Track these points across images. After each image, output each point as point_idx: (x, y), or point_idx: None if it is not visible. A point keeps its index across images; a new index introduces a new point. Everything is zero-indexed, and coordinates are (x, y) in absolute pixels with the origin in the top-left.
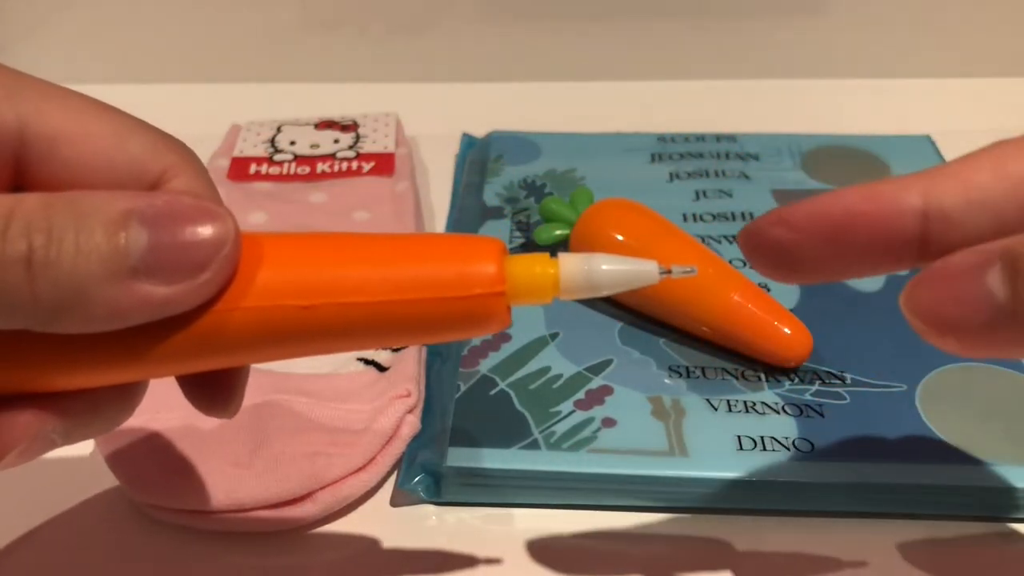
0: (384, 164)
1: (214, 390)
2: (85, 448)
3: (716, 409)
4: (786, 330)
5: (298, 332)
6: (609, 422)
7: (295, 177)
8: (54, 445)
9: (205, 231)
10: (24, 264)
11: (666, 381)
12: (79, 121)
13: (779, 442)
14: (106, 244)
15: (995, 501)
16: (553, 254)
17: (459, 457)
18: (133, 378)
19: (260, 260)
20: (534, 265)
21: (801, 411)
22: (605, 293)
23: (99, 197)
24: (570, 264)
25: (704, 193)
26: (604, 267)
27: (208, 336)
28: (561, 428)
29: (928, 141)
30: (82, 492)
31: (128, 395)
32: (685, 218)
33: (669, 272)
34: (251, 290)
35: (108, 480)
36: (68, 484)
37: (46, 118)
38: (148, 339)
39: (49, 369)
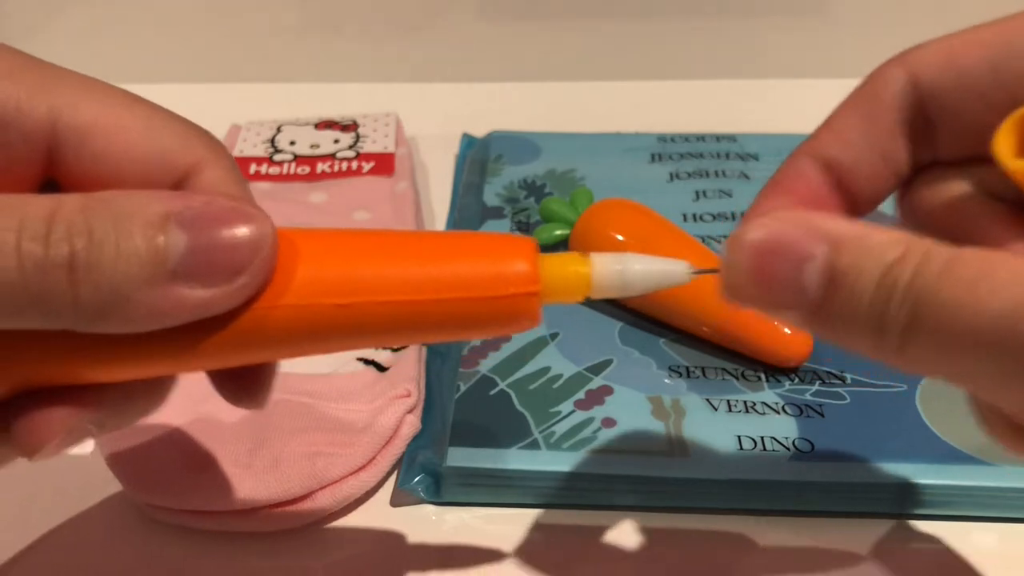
0: (384, 164)
1: (246, 383)
2: (86, 449)
3: (716, 409)
4: (786, 330)
5: (334, 330)
6: (609, 422)
7: (295, 177)
8: (88, 435)
9: (243, 234)
10: (66, 268)
11: (666, 381)
12: (111, 114)
13: (779, 442)
14: (145, 248)
15: (995, 501)
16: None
17: (459, 457)
18: (169, 372)
19: (296, 257)
20: (567, 264)
21: (801, 411)
22: (636, 293)
23: (137, 199)
24: (603, 264)
25: (704, 193)
26: (637, 267)
27: (246, 334)
28: (561, 428)
29: None
30: (82, 492)
31: (160, 387)
32: (685, 218)
33: (697, 272)
34: (289, 288)
35: (108, 480)
36: (69, 484)
37: (78, 111)
38: (186, 336)
39: (87, 365)
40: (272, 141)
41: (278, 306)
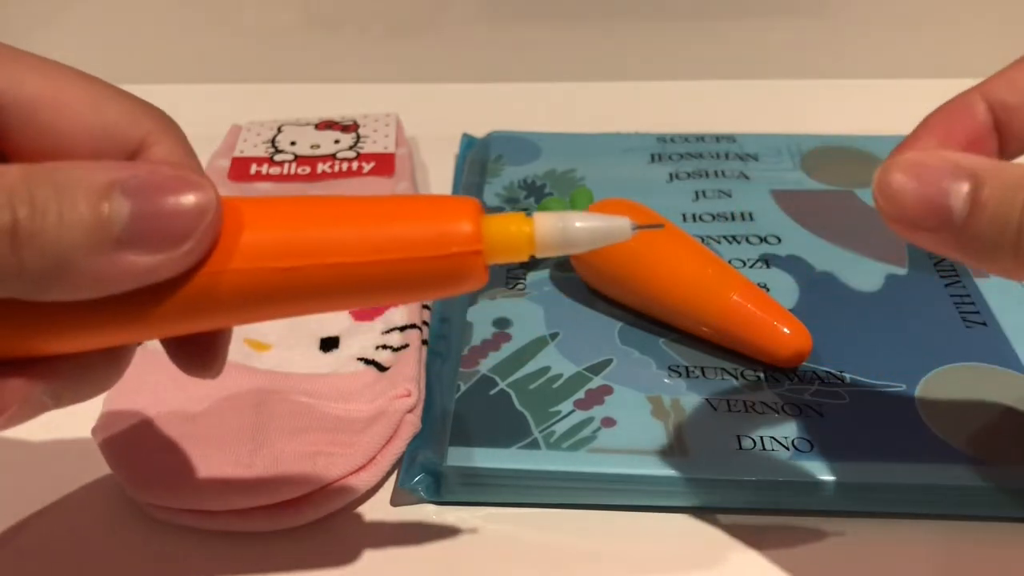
0: (384, 164)
1: (198, 351)
2: (85, 447)
3: (716, 409)
4: (785, 330)
5: (280, 294)
6: (609, 422)
7: (295, 177)
8: (45, 408)
9: (187, 201)
10: (9, 235)
11: (666, 381)
12: (55, 87)
13: (778, 442)
14: (90, 215)
15: (995, 501)
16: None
17: (459, 457)
18: (121, 342)
19: (242, 224)
20: (509, 224)
21: (800, 411)
22: (580, 250)
23: (81, 168)
24: (545, 222)
25: (703, 193)
26: (578, 224)
27: (194, 300)
28: (561, 428)
29: None
30: (82, 491)
31: (116, 358)
32: (685, 218)
33: (639, 228)
34: (234, 254)
35: (109, 479)
36: (68, 483)
37: (22, 84)
38: (134, 304)
39: (38, 335)
40: (272, 141)
41: (224, 271)
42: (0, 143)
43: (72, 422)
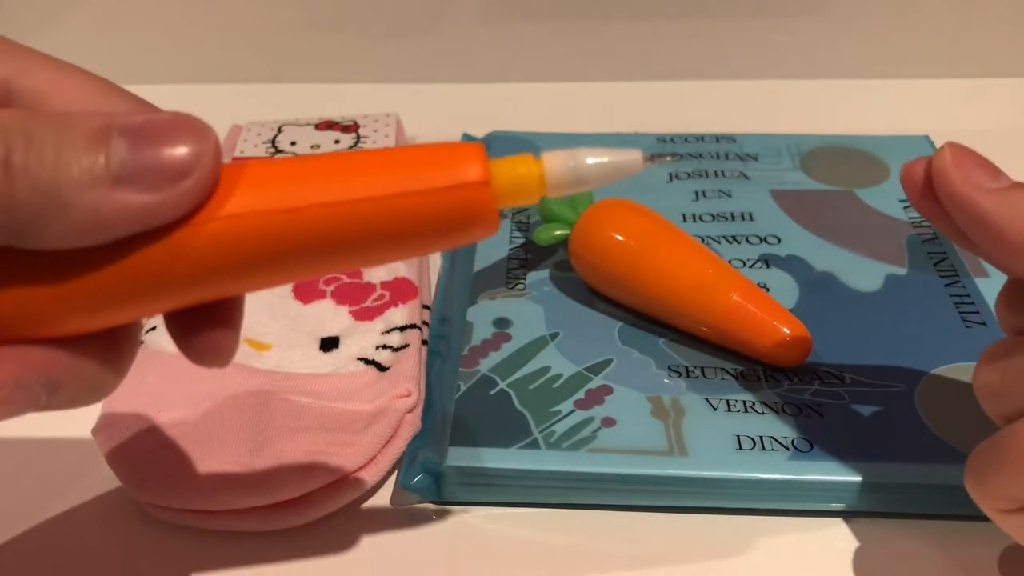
0: None
1: (206, 333)
2: (86, 447)
3: (715, 409)
4: (785, 330)
5: (285, 241)
6: (609, 422)
7: None
8: (38, 401)
9: (186, 139)
10: (2, 167)
11: (666, 381)
12: (63, 81)
13: (778, 442)
14: (87, 151)
15: None
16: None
17: (459, 457)
18: (120, 317)
19: (243, 176)
20: (518, 165)
21: (800, 411)
22: (591, 187)
23: (79, 112)
24: (554, 160)
25: (703, 193)
26: (589, 160)
27: (194, 252)
28: (561, 428)
29: (927, 141)
30: (83, 491)
31: (115, 354)
32: (685, 218)
33: (651, 159)
34: (235, 199)
35: (109, 479)
36: (69, 483)
37: (31, 75)
38: (132, 265)
39: (31, 307)
40: (273, 141)
41: (223, 217)
42: None
43: (72, 422)
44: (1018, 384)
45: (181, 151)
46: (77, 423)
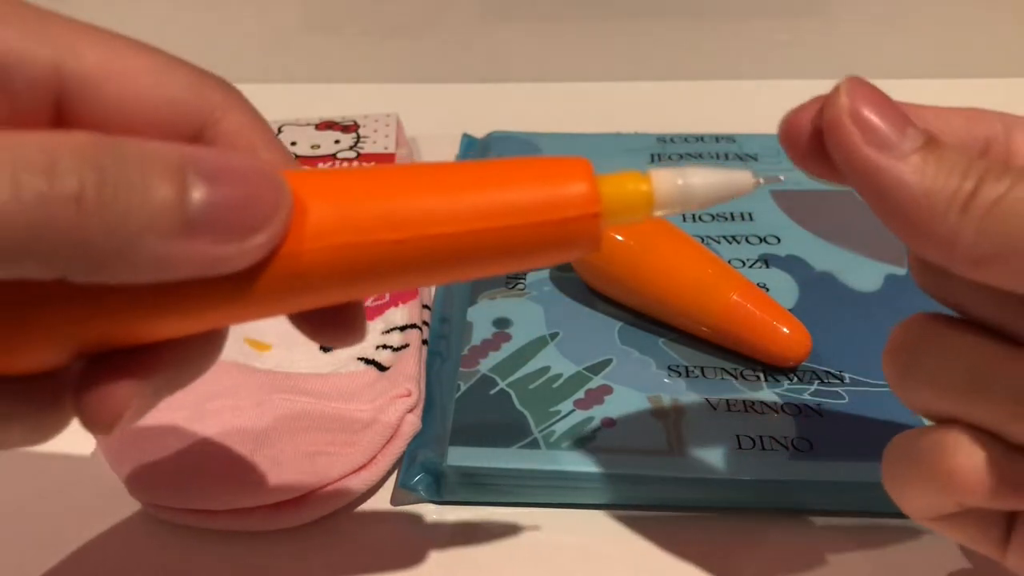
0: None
1: (330, 319)
2: (87, 447)
3: (715, 409)
4: (785, 330)
5: (388, 267)
6: (609, 422)
7: None
8: (152, 404)
9: (264, 192)
10: (75, 202)
11: (665, 381)
12: (116, 59)
13: (778, 441)
14: (165, 192)
15: None
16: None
17: (459, 456)
18: (226, 322)
19: (337, 194)
20: (626, 183)
21: (800, 411)
22: (698, 207)
23: (152, 143)
24: (664, 180)
25: None
26: (698, 180)
27: (297, 277)
28: (561, 427)
29: None
30: (84, 491)
31: (214, 339)
32: (684, 218)
33: (762, 179)
34: (339, 226)
35: (110, 479)
36: (70, 483)
37: (82, 56)
38: (235, 283)
39: (144, 318)
40: None
41: (325, 247)
42: (63, 120)
43: (72, 422)
44: (942, 373)
45: (259, 203)
46: (77, 423)
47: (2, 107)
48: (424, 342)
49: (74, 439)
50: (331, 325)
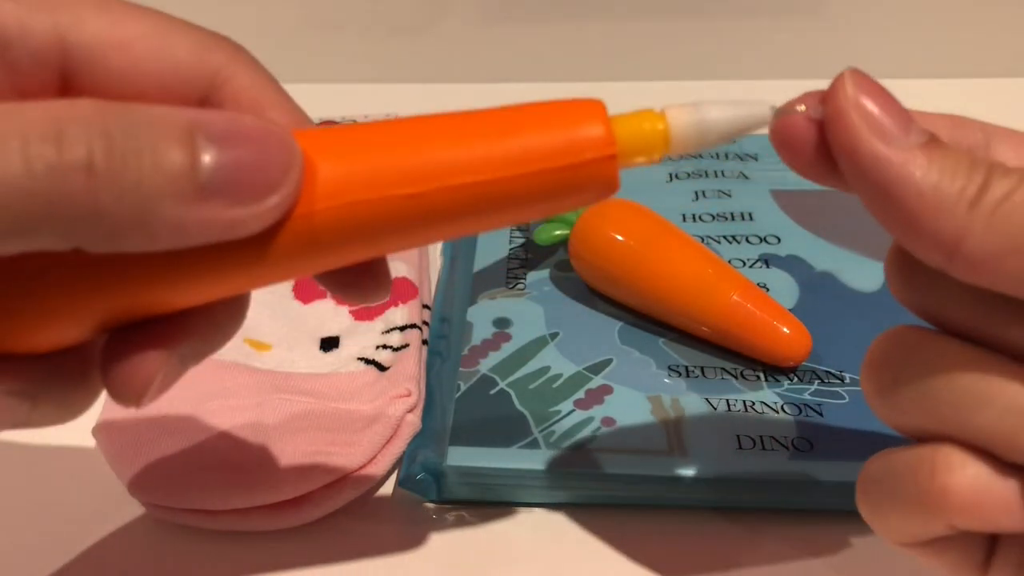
0: None
1: (353, 278)
2: (87, 447)
3: (715, 408)
4: (785, 330)
5: (404, 222)
6: (609, 421)
7: None
8: (183, 371)
9: (275, 153)
10: (84, 172)
11: (666, 380)
12: (119, 26)
13: (778, 441)
14: (177, 157)
15: None
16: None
17: (459, 456)
18: (248, 287)
19: (348, 151)
20: (642, 122)
21: (800, 410)
22: (715, 144)
23: (160, 108)
24: (679, 116)
25: (703, 193)
26: (714, 115)
27: (312, 237)
28: (561, 427)
29: None
30: (84, 491)
31: (239, 305)
32: (684, 218)
33: (779, 111)
34: (352, 183)
35: (110, 479)
36: (70, 483)
37: (85, 25)
38: (251, 247)
39: (157, 287)
40: None
41: (345, 203)
42: (68, 91)
43: (72, 422)
44: (933, 389)
45: (270, 165)
46: (77, 423)
47: (6, 80)
48: (424, 342)
49: (74, 439)
50: (354, 284)
